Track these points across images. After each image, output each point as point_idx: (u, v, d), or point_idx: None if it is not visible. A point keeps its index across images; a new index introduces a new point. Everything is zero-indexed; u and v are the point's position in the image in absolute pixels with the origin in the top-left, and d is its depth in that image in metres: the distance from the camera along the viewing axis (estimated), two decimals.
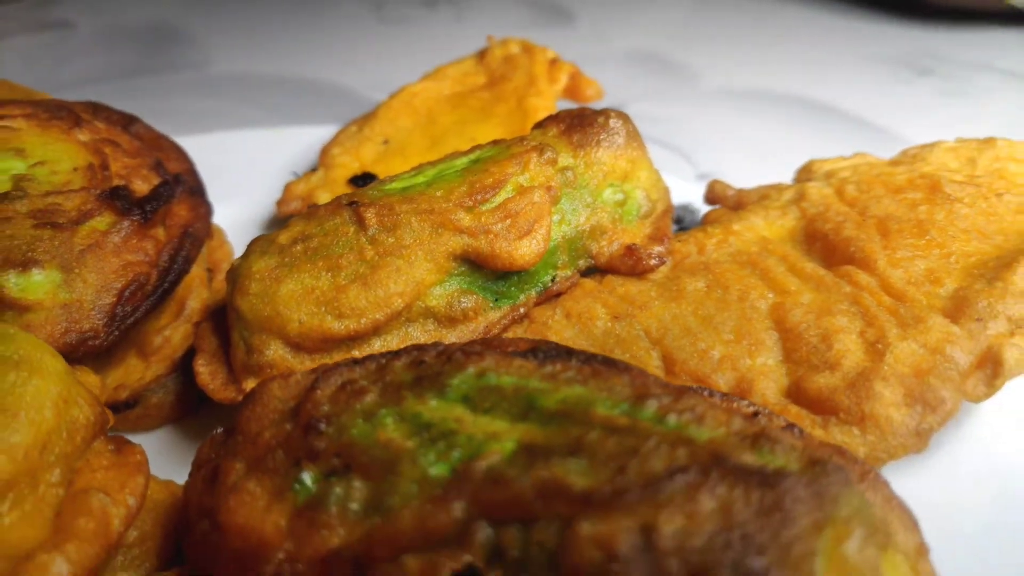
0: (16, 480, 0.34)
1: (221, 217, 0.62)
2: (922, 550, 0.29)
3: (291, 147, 0.77)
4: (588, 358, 0.34)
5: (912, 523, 0.30)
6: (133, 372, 0.51)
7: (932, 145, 0.62)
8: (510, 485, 0.26)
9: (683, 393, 0.31)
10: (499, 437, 0.29)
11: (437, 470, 0.28)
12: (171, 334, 0.52)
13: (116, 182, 0.53)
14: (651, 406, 0.30)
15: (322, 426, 0.32)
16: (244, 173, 0.72)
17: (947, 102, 1.03)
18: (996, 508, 0.44)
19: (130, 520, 0.35)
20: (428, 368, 0.34)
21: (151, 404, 0.50)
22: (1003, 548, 0.42)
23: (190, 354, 0.51)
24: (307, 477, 0.31)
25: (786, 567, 0.23)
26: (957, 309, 0.44)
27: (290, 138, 0.78)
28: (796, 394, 0.41)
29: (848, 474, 0.26)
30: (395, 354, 0.36)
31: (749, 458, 0.26)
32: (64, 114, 0.57)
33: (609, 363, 0.34)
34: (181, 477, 0.44)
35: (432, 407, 0.32)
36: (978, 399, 0.41)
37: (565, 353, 0.35)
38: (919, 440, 0.38)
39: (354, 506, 0.29)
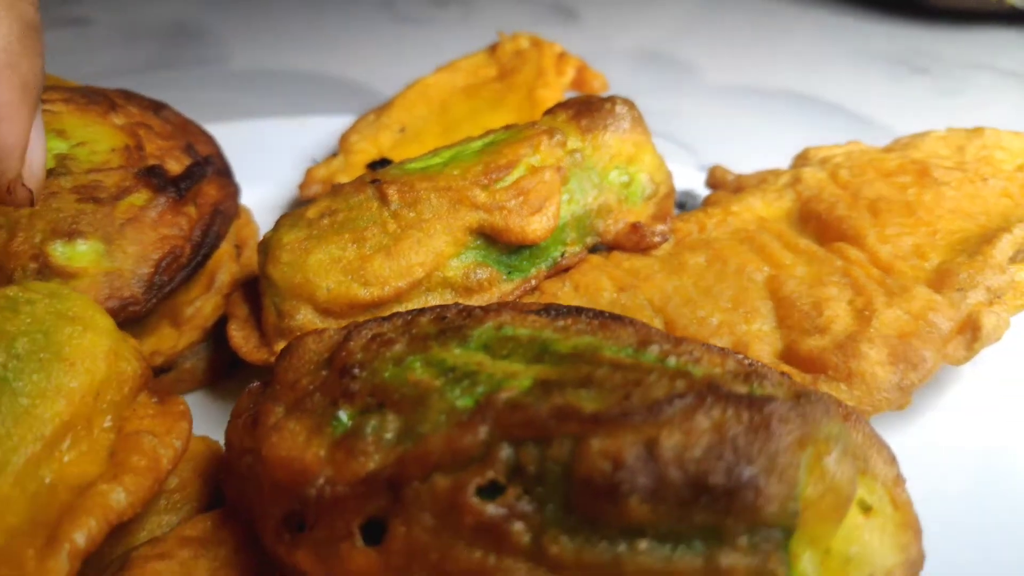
0: (74, 422, 0.37)
1: (245, 199, 0.65)
2: (899, 480, 0.32)
3: (309, 136, 0.80)
4: (596, 314, 0.37)
5: (891, 457, 0.33)
6: (167, 340, 0.54)
7: (923, 134, 0.65)
8: (528, 410, 0.29)
9: (682, 341, 0.34)
10: (517, 376, 0.32)
11: (462, 403, 0.32)
12: (202, 305, 0.56)
13: (151, 162, 0.56)
14: (653, 350, 0.33)
15: (356, 371, 0.35)
16: (265, 160, 0.75)
17: (943, 100, 1.06)
18: (977, 472, 0.47)
19: (177, 460, 0.39)
20: (450, 323, 0.38)
21: (184, 369, 0.54)
22: (983, 509, 0.45)
23: (220, 323, 0.55)
24: (343, 415, 0.34)
25: (772, 475, 0.26)
26: (940, 280, 0.47)
27: (308, 128, 0.82)
28: (788, 356, 0.45)
29: (830, 405, 0.29)
30: (420, 312, 0.39)
31: (741, 388, 0.29)
32: (100, 99, 0.61)
33: (615, 318, 0.37)
34: (214, 435, 0.47)
35: (455, 354, 0.35)
36: (958, 362, 0.45)
37: (575, 310, 0.38)
38: (902, 395, 0.42)
39: (388, 435, 0.32)
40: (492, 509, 0.28)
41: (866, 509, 0.30)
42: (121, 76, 1.17)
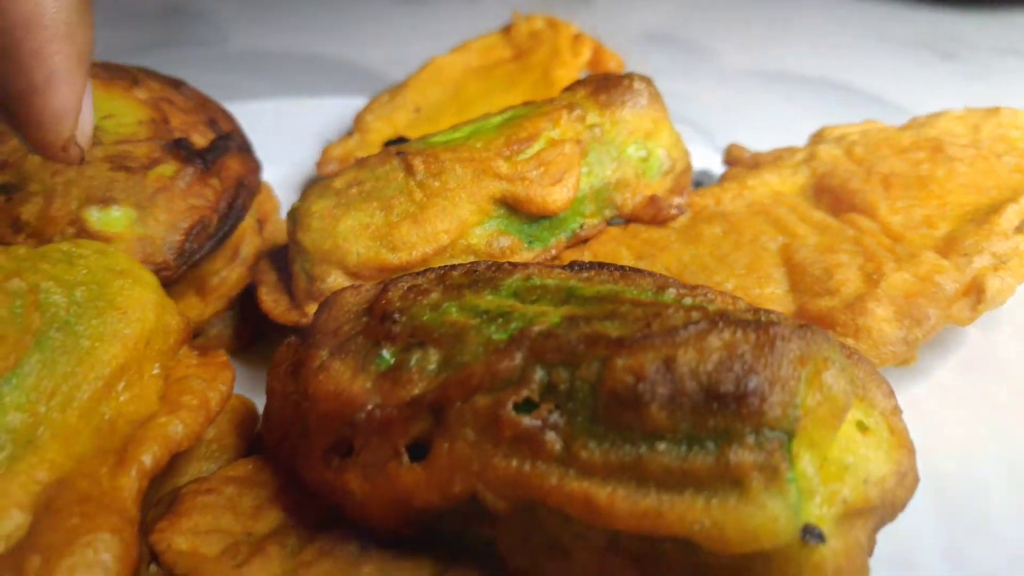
0: (128, 366, 0.44)
1: (263, 177, 0.72)
2: (896, 411, 0.39)
3: (320, 117, 0.88)
4: (618, 267, 0.45)
5: (889, 391, 0.40)
6: (193, 309, 0.61)
7: (940, 113, 0.73)
8: (559, 338, 0.36)
9: (697, 286, 0.41)
10: (547, 314, 0.39)
11: (498, 336, 0.39)
12: (227, 275, 0.63)
13: (177, 135, 0.64)
14: (671, 292, 0.40)
15: (396, 316, 0.42)
16: (278, 139, 0.82)
17: (969, 86, 1.14)
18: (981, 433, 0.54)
19: (224, 402, 0.46)
20: (481, 275, 0.45)
21: (211, 336, 0.61)
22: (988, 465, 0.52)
23: (245, 293, 0.62)
24: (386, 353, 0.41)
25: (775, 384, 0.33)
26: (947, 247, 0.54)
27: (319, 109, 0.89)
28: (799, 316, 0.52)
29: (831, 336, 0.36)
30: (451, 267, 0.47)
31: (750, 317, 0.36)
32: (122, 74, 0.68)
33: (635, 270, 0.44)
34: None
35: (488, 300, 0.42)
36: (963, 322, 0.52)
37: (598, 265, 0.45)
38: (907, 349, 0.49)
39: (431, 367, 0.39)
40: (528, 421, 0.35)
41: (863, 429, 0.37)
42: (116, 58, 1.25)
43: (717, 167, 0.77)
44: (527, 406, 0.36)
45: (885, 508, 0.36)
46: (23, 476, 0.38)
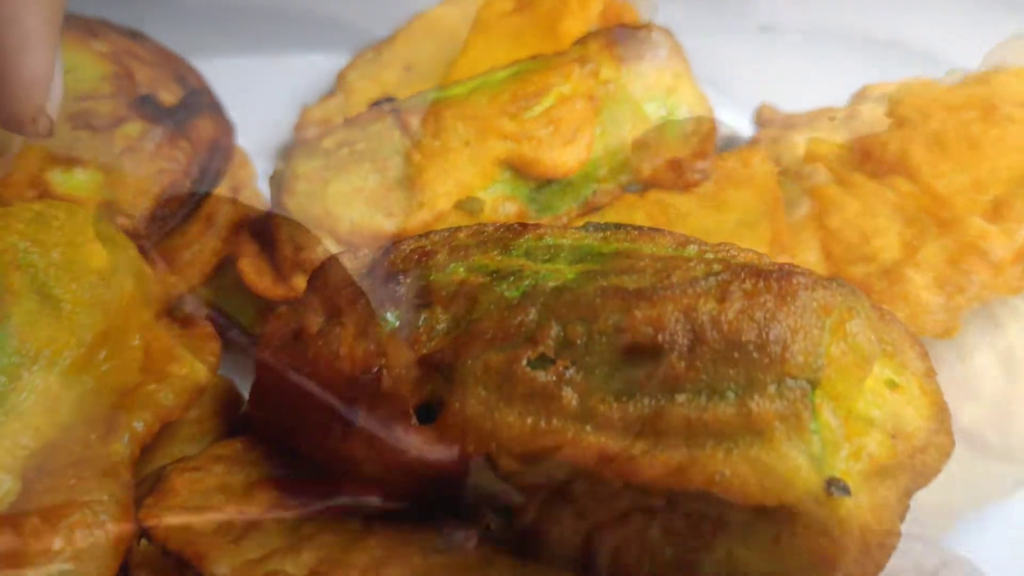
0: (109, 334, 0.51)
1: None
2: (930, 373, 0.46)
3: (296, 76, 0.94)
4: (636, 227, 0.51)
5: (923, 353, 0.46)
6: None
7: (996, 70, 0.79)
8: (575, 292, 0.43)
9: (721, 243, 0.48)
10: (561, 272, 0.46)
11: (510, 294, 0.45)
12: (200, 248, 0.69)
13: (143, 91, 0.70)
14: (692, 248, 0.47)
15: (401, 278, 0.49)
16: (249, 101, 0.88)
17: None
18: None
19: (212, 373, 0.52)
20: (489, 236, 0.51)
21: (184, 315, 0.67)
22: None
23: (220, 266, 0.68)
24: (391, 316, 0.47)
25: (798, 332, 0.39)
26: (996, 212, 0.61)
27: (293, 67, 0.95)
28: None
29: (858, 289, 0.43)
30: (457, 228, 0.53)
31: (773, 269, 0.43)
32: (77, 24, 0.75)
33: (655, 229, 0.50)
34: None
35: (497, 260, 0.48)
36: (1011, 291, 0.58)
37: (614, 225, 0.52)
38: (949, 317, 0.55)
39: (440, 326, 0.45)
40: (543, 377, 0.41)
41: (893, 387, 0.43)
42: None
43: (745, 131, 0.83)
44: (542, 362, 0.42)
45: (915, 468, 0.42)
46: (8, 441, 0.44)
